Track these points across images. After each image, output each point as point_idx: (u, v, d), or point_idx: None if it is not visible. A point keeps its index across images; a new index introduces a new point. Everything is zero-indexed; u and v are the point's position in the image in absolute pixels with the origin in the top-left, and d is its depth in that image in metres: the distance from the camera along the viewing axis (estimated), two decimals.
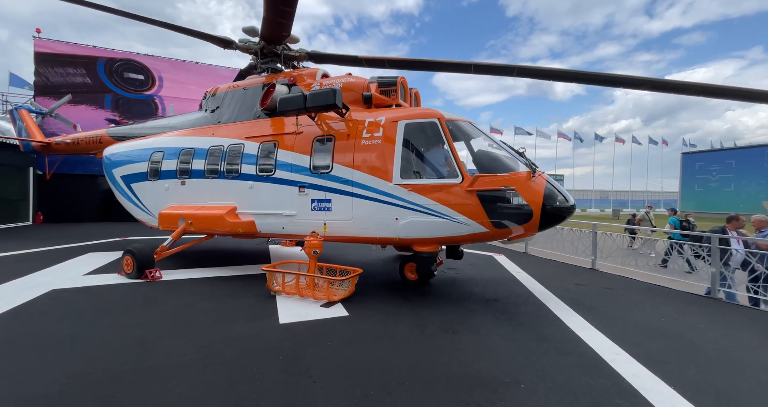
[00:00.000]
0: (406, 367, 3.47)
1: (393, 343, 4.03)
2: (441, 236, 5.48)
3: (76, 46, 17.17)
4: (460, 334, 4.38)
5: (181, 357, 3.55)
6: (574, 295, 6.21)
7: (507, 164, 5.42)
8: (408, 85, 6.93)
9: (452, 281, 7.00)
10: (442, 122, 5.57)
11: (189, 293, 5.80)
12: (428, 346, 3.98)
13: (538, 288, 6.57)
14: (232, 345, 3.84)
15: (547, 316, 5.13)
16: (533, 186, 5.11)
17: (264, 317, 4.72)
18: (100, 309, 4.95)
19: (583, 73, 7.14)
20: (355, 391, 3.03)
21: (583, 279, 7.43)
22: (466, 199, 5.22)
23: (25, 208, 16.50)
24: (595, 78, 6.99)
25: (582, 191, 57.73)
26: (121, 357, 3.52)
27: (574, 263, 8.98)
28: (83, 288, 5.94)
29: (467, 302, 5.68)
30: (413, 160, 5.61)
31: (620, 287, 6.87)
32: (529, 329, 4.61)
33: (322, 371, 3.34)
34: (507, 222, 5.15)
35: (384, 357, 3.66)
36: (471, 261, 9.00)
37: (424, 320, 4.81)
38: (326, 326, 4.50)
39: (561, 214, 5.19)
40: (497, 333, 4.46)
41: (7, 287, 5.81)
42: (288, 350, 3.77)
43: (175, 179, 7.79)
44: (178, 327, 4.32)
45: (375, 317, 4.87)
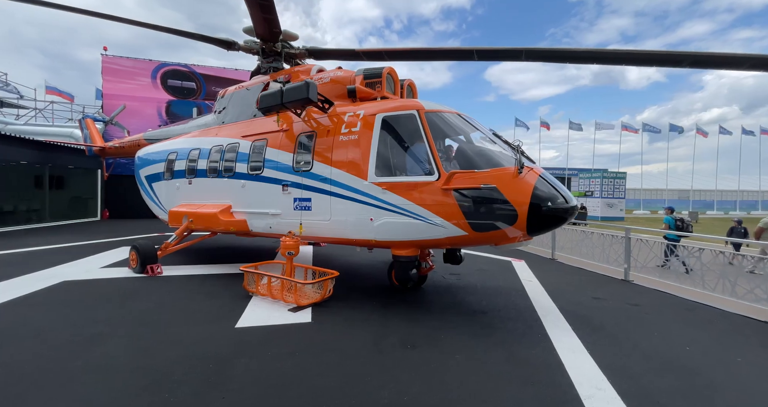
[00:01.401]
0: (333, 387, 3.10)
1: (337, 357, 3.68)
2: (417, 239, 4.99)
3: (136, 61, 19.04)
4: (419, 350, 3.89)
5: (114, 359, 3.52)
6: (584, 311, 5.33)
7: (489, 159, 4.77)
8: (398, 77, 6.47)
9: (447, 288, 6.42)
10: (421, 113, 5.06)
11: (174, 290, 5.95)
12: (374, 363, 3.57)
13: (544, 301, 5.76)
14: (172, 349, 3.77)
15: (535, 334, 4.41)
16: (519, 184, 4.42)
17: (225, 319, 4.63)
18: (86, 302, 5.23)
19: (611, 52, 6.16)
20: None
21: (607, 292, 6.39)
22: (442, 198, 4.68)
23: (94, 205, 18.70)
24: (627, 57, 5.99)
25: (653, 191, 51.65)
26: (59, 354, 3.60)
27: (604, 273, 7.83)
28: (89, 281, 6.39)
29: (450, 312, 5.12)
30: (389, 156, 5.18)
31: (650, 304, 5.78)
32: (505, 349, 3.98)
33: (242, 384, 3.11)
34: (488, 225, 4.52)
35: (316, 373, 3.33)
36: (481, 266, 8.26)
37: (389, 331, 4.39)
38: (279, 332, 4.28)
39: (556, 216, 4.42)
40: (465, 351, 3.90)
41: (29, 277, 6.43)
42: (223, 358, 3.59)
43: (184, 178, 8.16)
44: (136, 327, 4.36)
45: (338, 325, 4.55)
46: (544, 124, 44.29)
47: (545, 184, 4.50)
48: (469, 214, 4.57)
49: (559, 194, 4.46)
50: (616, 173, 34.52)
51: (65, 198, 17.03)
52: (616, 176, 33.84)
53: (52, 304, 5.11)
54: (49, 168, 15.82)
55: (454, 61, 7.18)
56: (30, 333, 4.08)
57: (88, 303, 5.17)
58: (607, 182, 33.35)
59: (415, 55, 7.51)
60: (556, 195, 4.43)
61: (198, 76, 19.66)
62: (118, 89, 18.61)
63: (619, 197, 32.85)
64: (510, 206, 4.38)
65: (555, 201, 4.37)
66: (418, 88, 7.08)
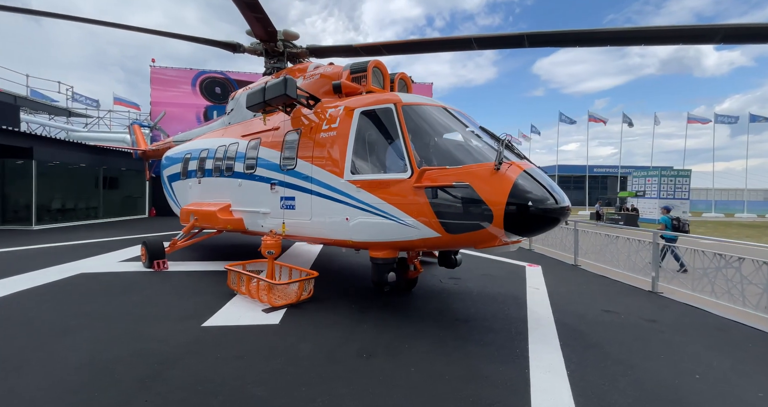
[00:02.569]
0: (261, 397, 2.94)
1: (283, 363, 3.51)
2: (390, 241, 4.71)
3: (179, 70, 20.50)
4: (374, 360, 3.63)
5: (72, 352, 3.63)
6: (585, 326, 4.71)
7: (466, 155, 4.38)
8: (387, 70, 6.19)
9: (439, 293, 6.03)
10: (398, 107, 4.77)
11: (168, 286, 6.17)
12: (317, 372, 3.36)
13: (541, 312, 5.19)
14: (129, 345, 3.81)
15: (513, 349, 3.94)
16: (495, 181, 3.98)
17: (197, 317, 4.66)
18: (85, 294, 5.57)
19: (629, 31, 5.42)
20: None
21: (623, 305, 5.62)
22: (413, 197, 4.35)
23: (143, 204, 20.40)
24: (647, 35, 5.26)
25: (731, 191, 45.92)
26: (28, 343, 3.82)
27: (629, 283, 6.94)
28: (100, 274, 6.85)
29: (429, 320, 4.77)
30: (365, 153, 4.95)
31: (671, 321, 4.98)
32: (471, 363, 3.59)
33: (172, 388, 3.03)
34: (462, 226, 4.13)
35: (252, 380, 3.18)
36: (489, 271, 7.71)
37: (353, 337, 4.16)
38: (239, 333, 4.22)
39: (540, 216, 3.91)
40: (423, 363, 3.57)
41: (53, 269, 7.03)
42: (171, 357, 3.58)
43: (195, 178, 8.53)
44: (112, 320, 4.52)
45: (303, 329, 4.40)
46: (594, 118, 40.93)
47: (529, 181, 4.01)
48: (441, 214, 4.20)
49: (545, 193, 3.96)
50: (678, 171, 30.97)
51: (118, 197, 18.73)
52: (678, 174, 30.37)
53: (57, 295, 5.51)
54: (104, 170, 17.49)
55: (453, 51, 6.74)
56: (19, 322, 4.39)
57: (86, 296, 5.50)
58: (666, 181, 30.07)
59: (411, 48, 7.20)
60: (541, 194, 3.93)
61: (232, 81, 20.72)
62: (164, 97, 20.14)
63: (682, 198, 29.41)
64: (485, 206, 3.95)
65: (538, 200, 3.87)
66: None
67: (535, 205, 3.86)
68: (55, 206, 15.19)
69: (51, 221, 14.77)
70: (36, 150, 13.96)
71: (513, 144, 4.69)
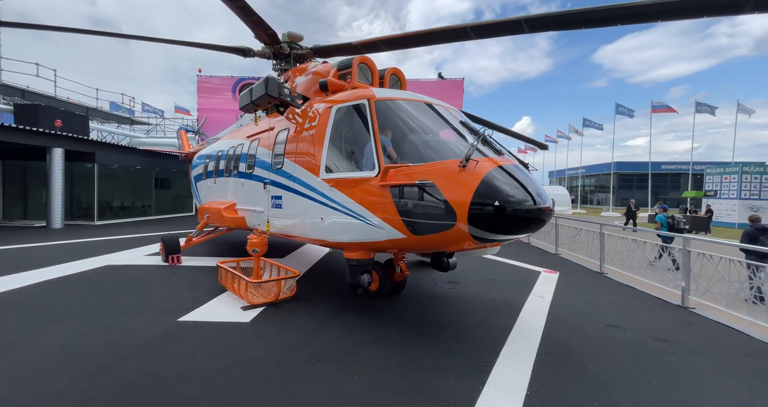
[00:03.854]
0: (189, 397, 2.94)
1: (229, 364, 3.49)
2: (360, 241, 4.55)
3: (222, 78, 21.90)
4: (322, 365, 3.50)
5: (49, 340, 3.94)
6: (579, 341, 4.20)
7: (436, 152, 4.09)
8: (375, 65, 6.01)
9: (429, 297, 5.74)
10: (371, 102, 4.59)
11: (172, 280, 6.52)
12: (257, 375, 3.30)
13: (533, 323, 4.71)
14: (101, 337, 4.02)
15: (479, 362, 3.61)
16: (460, 179, 3.67)
17: (178, 311, 4.84)
18: (98, 285, 6.07)
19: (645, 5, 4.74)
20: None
21: (636, 320, 4.93)
22: (379, 196, 4.16)
23: (190, 202, 22.09)
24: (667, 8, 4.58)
25: None
26: (22, 329, 4.23)
27: (657, 295, 6.08)
28: (123, 266, 7.48)
29: (403, 325, 4.54)
30: (338, 150, 4.84)
31: (687, 342, 4.26)
32: (422, 374, 3.34)
33: (113, 382, 3.11)
34: (426, 227, 3.86)
35: (191, 378, 3.21)
36: (496, 276, 7.22)
37: (313, 340, 4.07)
38: (206, 330, 4.30)
39: (511, 218, 3.54)
40: (372, 372, 3.38)
41: (86, 260, 7.81)
42: (132, 351, 3.71)
43: (211, 178, 9.00)
44: (103, 311, 4.86)
45: (269, 328, 4.39)
46: (659, 108, 36.71)
47: (500, 179, 3.65)
48: (405, 214, 3.97)
49: (517, 192, 3.58)
50: (765, 167, 26.71)
51: (168, 196, 20.50)
52: (765, 171, 26.16)
53: (74, 285, 6.08)
54: (156, 172, 19.23)
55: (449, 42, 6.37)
56: (27, 308, 4.89)
57: (97, 287, 6.00)
58: (749, 178, 26.07)
59: (408, 42, 6.89)
60: (513, 193, 3.56)
61: None
62: (209, 104, 21.64)
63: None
64: (449, 206, 3.66)
65: (509, 200, 3.51)
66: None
67: (505, 205, 3.49)
68: (113, 204, 17.02)
69: (110, 217, 16.55)
70: (97, 155, 15.71)
71: (492, 139, 4.32)
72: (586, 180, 57.70)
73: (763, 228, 7.22)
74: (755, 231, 7.14)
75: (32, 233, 12.57)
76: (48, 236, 11.79)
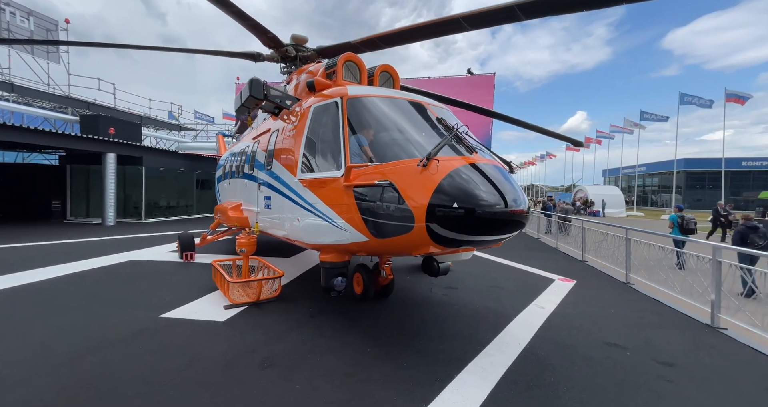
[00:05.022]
0: (122, 396, 2.98)
1: (181, 365, 3.49)
2: (329, 243, 4.43)
3: None
4: (269, 371, 3.41)
5: (40, 331, 4.25)
6: (562, 359, 3.74)
7: (402, 150, 3.85)
8: (363, 63, 5.84)
9: (417, 303, 5.46)
10: (343, 100, 4.45)
11: (177, 276, 6.86)
12: (201, 379, 3.27)
13: (519, 336, 4.29)
14: (85, 330, 4.24)
15: (437, 376, 3.32)
16: (419, 179, 3.42)
17: (164, 308, 5.01)
18: (112, 280, 6.53)
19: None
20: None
21: (645, 339, 4.30)
22: (344, 197, 4.01)
23: None
24: None
25: None
26: (20, 319, 4.63)
27: (685, 312, 5.28)
28: (143, 262, 8.02)
29: (370, 332, 4.34)
30: (313, 150, 4.76)
31: (698, 367, 3.61)
32: (366, 388, 3.14)
33: (68, 376, 3.25)
34: (386, 229, 3.65)
35: (137, 380, 3.23)
36: (500, 282, 6.73)
37: (272, 343, 4.00)
38: (179, 328, 4.40)
39: (473, 221, 3.23)
40: (316, 381, 3.24)
41: (113, 256, 8.50)
42: (102, 345, 3.86)
43: (227, 179, 9.38)
44: (100, 305, 5.18)
45: (237, 329, 4.40)
46: (734, 97, 32.39)
47: (465, 179, 3.37)
48: (366, 216, 3.80)
49: (483, 193, 3.27)
50: None
51: (209, 196, 21.82)
52: None
53: (91, 278, 6.60)
54: (197, 174, 20.61)
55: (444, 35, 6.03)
56: (37, 300, 5.34)
57: (110, 281, 6.45)
58: None
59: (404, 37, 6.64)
60: (477, 195, 3.26)
61: None
62: None
63: None
64: (406, 208, 3.43)
65: (470, 202, 3.21)
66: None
67: (466, 207, 3.20)
68: (160, 204, 18.50)
69: (156, 216, 17.99)
70: (144, 159, 17.17)
71: (465, 136, 3.98)
72: (647, 179, 52.50)
73: (753, 226, 7.40)
74: (746, 229, 7.41)
75: (88, 229, 14.02)
76: (99, 232, 13.06)
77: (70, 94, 19.93)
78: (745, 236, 7.31)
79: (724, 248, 4.81)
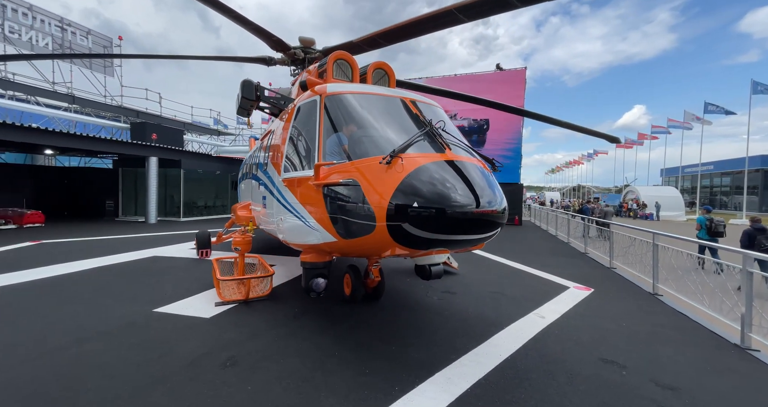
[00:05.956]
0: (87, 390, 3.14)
1: (149, 360, 3.57)
2: (305, 243, 4.37)
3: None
4: (229, 371, 3.39)
5: (41, 320, 4.57)
6: (542, 375, 3.39)
7: (371, 147, 3.70)
8: (356, 62, 5.73)
9: (408, 307, 5.25)
10: (321, 98, 4.39)
11: (187, 272, 7.16)
12: (162, 376, 3.31)
13: (503, 347, 3.96)
14: (83, 321, 4.52)
15: (394, 386, 3.13)
16: (382, 177, 3.27)
17: (162, 303, 5.22)
18: (129, 274, 6.96)
19: None
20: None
21: (651, 360, 3.79)
22: (315, 196, 3.94)
23: None
24: None
25: None
26: (31, 309, 5.02)
27: (713, 329, 4.60)
28: (164, 258, 8.52)
29: (345, 335, 4.21)
30: (293, 149, 4.73)
31: (704, 395, 3.10)
32: (315, 394, 3.02)
33: (49, 366, 3.44)
34: (352, 229, 3.53)
35: (102, 374, 3.33)
36: (506, 289, 6.31)
37: (242, 343, 3.99)
38: (166, 322, 4.54)
39: (438, 221, 3.04)
40: (270, 384, 3.17)
41: (140, 252, 9.12)
42: (89, 337, 4.07)
43: (243, 181, 9.72)
44: (105, 297, 5.51)
45: (215, 326, 4.45)
46: None
47: (430, 177, 3.18)
48: (332, 215, 3.70)
49: (451, 193, 3.07)
50: None
51: None
52: None
53: (111, 273, 7.06)
54: (232, 175, 21.67)
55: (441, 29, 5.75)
56: (54, 292, 5.78)
57: (127, 275, 6.86)
58: None
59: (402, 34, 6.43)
60: (442, 194, 3.06)
61: None
62: None
63: None
64: (368, 207, 3.30)
65: (433, 200, 3.03)
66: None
67: (428, 206, 3.01)
68: (197, 203, 19.69)
69: (194, 214, 19.17)
70: (183, 162, 18.37)
71: (441, 132, 3.75)
72: (716, 179, 46.85)
73: (762, 229, 7.45)
74: (754, 231, 7.50)
75: (133, 226, 15.23)
76: (141, 229, 14.14)
77: (122, 104, 21.83)
78: (752, 237, 7.32)
79: (755, 255, 4.11)
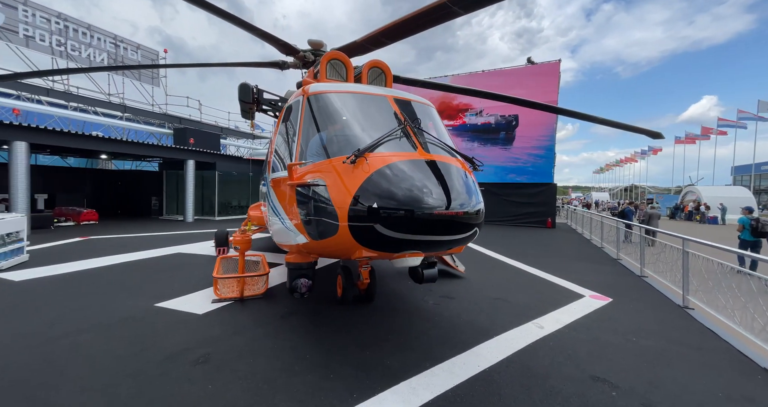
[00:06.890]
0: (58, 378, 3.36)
1: (132, 353, 3.73)
2: (287, 244, 4.38)
3: None
4: (198, 368, 3.45)
5: (55, 310, 4.95)
6: (518, 390, 3.13)
7: (342, 146, 3.63)
8: (350, 61, 5.66)
9: (400, 311, 5.08)
10: (305, 97, 4.38)
11: (201, 268, 7.44)
12: (131, 370, 3.44)
13: (484, 357, 3.71)
14: (85, 314, 4.80)
15: (353, 393, 3.02)
16: (346, 177, 3.21)
17: (165, 297, 5.46)
18: (148, 269, 7.39)
19: None
20: None
21: (650, 381, 3.35)
22: (291, 196, 3.94)
23: None
24: None
25: None
26: (50, 301, 5.45)
27: (744, 351, 4.00)
28: (185, 254, 8.98)
29: (325, 338, 4.14)
30: (279, 149, 4.77)
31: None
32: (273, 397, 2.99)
33: (43, 353, 3.72)
34: (318, 231, 3.48)
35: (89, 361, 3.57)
36: (507, 296, 5.94)
37: (221, 341, 4.05)
38: (161, 317, 4.73)
39: (401, 224, 2.93)
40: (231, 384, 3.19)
41: (165, 248, 9.69)
42: (89, 329, 4.30)
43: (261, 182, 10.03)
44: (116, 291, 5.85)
45: (205, 323, 4.57)
46: None
47: (396, 177, 3.07)
48: (304, 216, 3.68)
49: (414, 192, 2.97)
50: None
51: None
52: None
53: (132, 268, 7.52)
54: None
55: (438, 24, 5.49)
56: (77, 285, 6.24)
57: (146, 270, 7.29)
58: None
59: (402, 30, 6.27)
60: (405, 193, 2.95)
61: None
62: None
63: None
64: (332, 208, 3.24)
65: (395, 201, 2.92)
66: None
67: (390, 207, 2.91)
68: (231, 203, 20.69)
69: (228, 214, 20.17)
70: (217, 164, 19.39)
71: (418, 130, 3.59)
72: None
73: None
74: None
75: (172, 224, 16.30)
76: (178, 226, 15.08)
77: (167, 111, 23.51)
78: None
79: None
